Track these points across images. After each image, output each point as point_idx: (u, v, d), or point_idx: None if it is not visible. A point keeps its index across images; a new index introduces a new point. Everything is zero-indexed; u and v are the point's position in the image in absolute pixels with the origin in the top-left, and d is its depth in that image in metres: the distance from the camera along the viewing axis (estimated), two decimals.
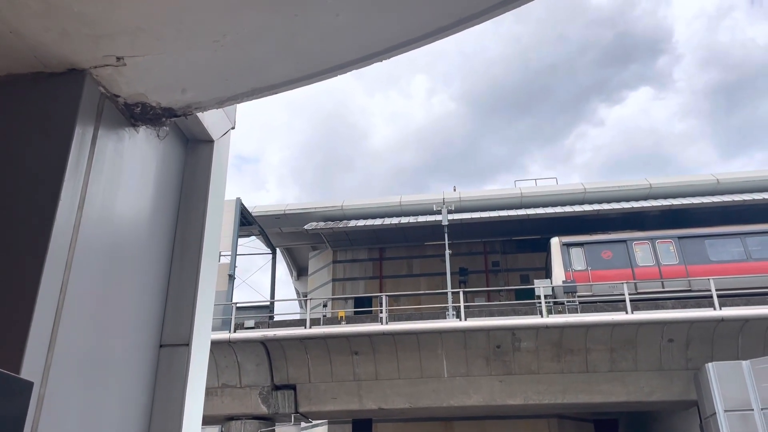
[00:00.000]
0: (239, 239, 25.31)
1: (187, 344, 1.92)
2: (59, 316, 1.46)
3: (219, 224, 2.20)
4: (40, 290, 1.42)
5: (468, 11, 1.44)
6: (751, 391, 16.08)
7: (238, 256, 24.46)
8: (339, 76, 1.70)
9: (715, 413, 16.27)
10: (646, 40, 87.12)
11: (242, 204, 24.84)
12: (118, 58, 1.60)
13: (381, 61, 1.60)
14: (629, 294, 19.24)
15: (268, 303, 24.32)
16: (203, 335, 2.02)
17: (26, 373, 1.34)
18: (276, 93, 1.73)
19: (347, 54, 1.59)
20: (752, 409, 15.92)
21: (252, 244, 28.97)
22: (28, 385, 1.23)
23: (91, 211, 1.61)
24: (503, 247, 28.15)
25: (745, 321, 18.14)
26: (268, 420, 20.68)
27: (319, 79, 1.67)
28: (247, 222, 25.95)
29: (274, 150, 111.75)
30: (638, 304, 19.31)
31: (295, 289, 35.18)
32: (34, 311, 1.39)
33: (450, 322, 19.60)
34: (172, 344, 1.92)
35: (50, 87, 1.63)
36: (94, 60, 1.61)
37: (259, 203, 28.31)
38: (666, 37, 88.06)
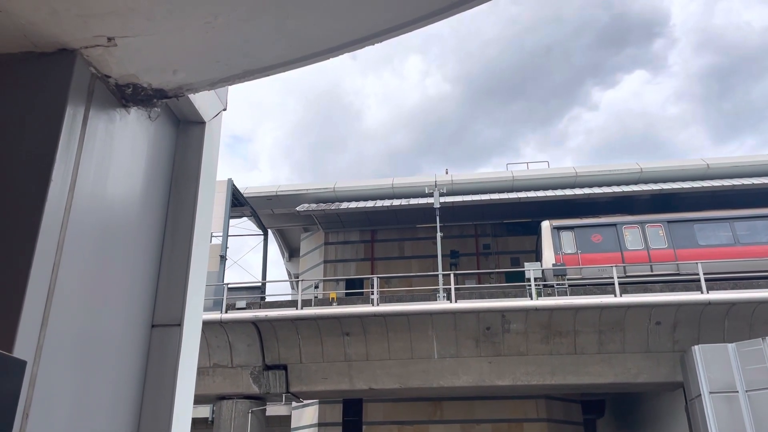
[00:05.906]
0: (231, 220, 25.26)
1: (179, 325, 1.94)
2: (51, 297, 1.47)
3: (210, 205, 2.20)
4: (32, 271, 1.42)
5: None
6: (736, 373, 16.33)
7: (229, 237, 24.43)
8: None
9: (700, 395, 16.53)
10: (643, 22, 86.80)
11: (234, 185, 24.74)
12: (109, 39, 1.59)
13: (374, 44, 1.60)
14: (618, 277, 19.40)
15: (260, 284, 24.34)
16: (195, 316, 2.03)
17: (19, 352, 1.34)
18: (269, 75, 1.73)
19: (341, 36, 1.58)
20: (737, 391, 16.18)
21: (243, 225, 28.95)
22: (21, 364, 1.24)
23: (82, 192, 1.60)
24: (494, 230, 28.27)
25: (732, 304, 18.37)
26: (260, 399, 20.83)
27: (312, 62, 1.66)
28: (238, 203, 25.88)
29: (268, 129, 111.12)
30: (627, 287, 19.49)
31: (287, 270, 35.22)
32: (27, 291, 1.40)
33: (440, 304, 19.72)
34: (163, 324, 1.94)
35: (40, 67, 1.62)
36: (85, 40, 1.60)
37: (251, 183, 28.25)
38: (663, 20, 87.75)
